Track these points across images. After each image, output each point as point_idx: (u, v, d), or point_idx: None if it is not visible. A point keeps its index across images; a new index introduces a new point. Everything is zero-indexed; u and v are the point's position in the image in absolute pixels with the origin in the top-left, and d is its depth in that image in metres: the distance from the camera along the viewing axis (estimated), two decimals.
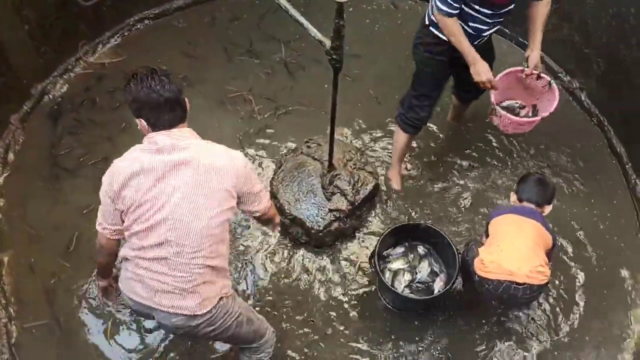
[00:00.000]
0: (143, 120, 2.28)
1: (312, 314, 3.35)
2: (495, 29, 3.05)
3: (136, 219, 2.27)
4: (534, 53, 3.12)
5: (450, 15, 2.87)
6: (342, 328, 3.31)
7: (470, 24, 2.97)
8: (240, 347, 2.84)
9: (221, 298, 2.42)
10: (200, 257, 2.30)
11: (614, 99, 3.96)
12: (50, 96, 4.16)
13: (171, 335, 3.23)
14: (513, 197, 3.12)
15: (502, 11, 2.93)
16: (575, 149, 4.01)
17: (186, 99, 2.36)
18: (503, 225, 3.01)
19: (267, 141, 3.99)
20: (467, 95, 3.66)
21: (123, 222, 2.34)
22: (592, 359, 3.27)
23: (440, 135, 4.02)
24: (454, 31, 2.92)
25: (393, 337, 3.29)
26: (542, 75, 3.22)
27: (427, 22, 3.08)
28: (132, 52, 4.42)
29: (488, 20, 2.93)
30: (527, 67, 3.16)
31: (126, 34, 4.53)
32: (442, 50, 3.10)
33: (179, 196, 2.23)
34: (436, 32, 3.06)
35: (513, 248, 2.88)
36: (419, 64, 3.24)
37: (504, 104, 3.38)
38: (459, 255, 3.16)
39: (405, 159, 3.81)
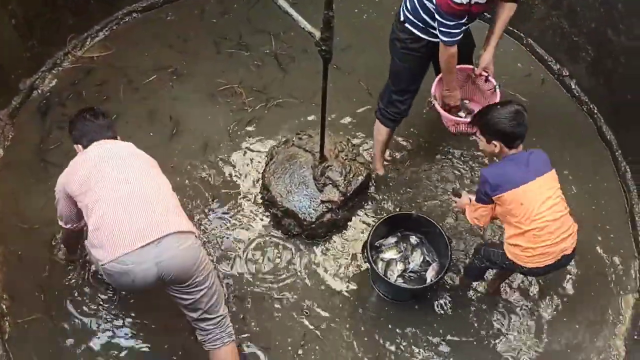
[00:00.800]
0: (80, 145, 2.82)
1: (306, 305, 3.36)
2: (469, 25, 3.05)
3: (98, 182, 2.58)
4: (487, 54, 3.12)
5: (455, 43, 2.88)
6: (336, 319, 3.33)
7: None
8: (205, 330, 2.80)
9: (197, 235, 2.68)
10: (159, 180, 2.69)
11: (603, 87, 3.97)
12: (39, 91, 4.13)
13: (165, 333, 3.25)
14: (496, 146, 2.72)
15: (478, 15, 2.95)
16: (566, 137, 4.02)
17: (117, 135, 2.91)
18: (526, 202, 2.67)
19: (258, 133, 3.98)
20: None
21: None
22: (584, 345, 3.30)
23: (432, 124, 4.01)
24: (453, 63, 2.97)
25: (390, 326, 3.31)
26: (490, 78, 3.17)
27: (402, 19, 3.06)
28: (121, 46, 4.39)
29: (464, 23, 2.90)
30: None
31: (115, 27, 4.50)
32: (418, 47, 3.09)
33: (123, 153, 2.72)
34: (411, 29, 3.04)
35: (552, 233, 2.70)
36: (396, 59, 3.23)
37: (464, 102, 3.35)
38: (451, 246, 3.18)
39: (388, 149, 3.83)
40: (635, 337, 3.29)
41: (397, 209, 3.66)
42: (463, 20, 2.81)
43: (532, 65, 4.36)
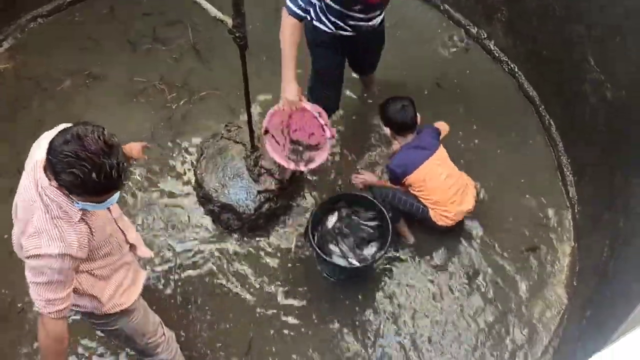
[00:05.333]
0: None
1: (255, 298, 3.31)
2: (368, 22, 3.03)
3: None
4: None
5: (296, 16, 2.70)
6: (287, 307, 3.30)
7: (329, 16, 2.97)
8: None
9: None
10: None
11: (520, 45, 4.05)
12: None
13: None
14: (397, 145, 3.33)
15: (369, 12, 2.94)
16: (491, 97, 4.09)
17: None
18: (430, 176, 3.21)
19: (185, 130, 3.86)
20: (358, 71, 3.78)
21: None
22: (527, 296, 3.39)
23: (362, 106, 4.02)
24: (285, 36, 2.73)
25: (341, 307, 3.31)
26: (326, 128, 3.00)
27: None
28: (29, 54, 4.16)
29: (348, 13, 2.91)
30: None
31: (19, 35, 4.25)
32: (323, 38, 3.10)
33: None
34: (317, 24, 3.04)
35: (458, 193, 3.27)
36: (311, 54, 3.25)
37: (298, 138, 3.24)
38: (390, 218, 3.19)
39: None
40: (575, 283, 3.41)
41: (336, 190, 3.65)
42: None
43: (451, 30, 4.40)
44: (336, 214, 3.39)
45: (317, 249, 3.16)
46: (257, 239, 3.49)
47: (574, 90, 3.57)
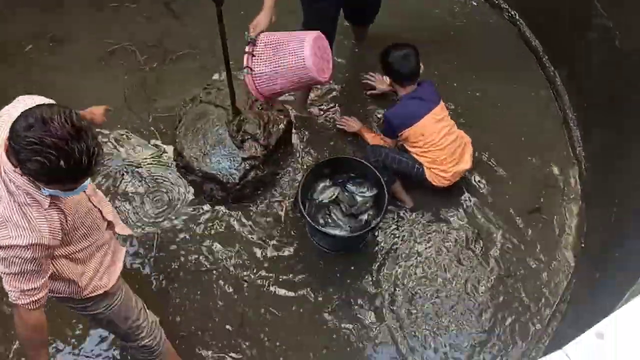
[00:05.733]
0: None
1: (243, 273, 3.12)
2: None
3: None
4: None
5: None
6: (278, 280, 3.11)
7: None
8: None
9: None
10: None
11: None
12: None
13: None
14: (401, 91, 3.11)
15: None
16: (492, 48, 3.91)
17: None
18: (429, 131, 3.06)
19: (160, 94, 3.63)
20: (358, 20, 3.61)
21: None
22: (533, 259, 3.22)
23: (349, 67, 3.80)
24: None
25: (334, 278, 3.13)
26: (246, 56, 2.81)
27: None
28: None
29: None
30: None
31: None
32: None
33: None
34: None
35: (456, 152, 3.13)
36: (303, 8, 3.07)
37: None
38: (385, 181, 3.02)
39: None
40: (583, 245, 3.25)
41: (327, 154, 3.43)
42: None
43: None
44: (327, 180, 3.20)
45: (308, 219, 2.96)
46: (244, 210, 3.29)
47: (580, 39, 3.37)
